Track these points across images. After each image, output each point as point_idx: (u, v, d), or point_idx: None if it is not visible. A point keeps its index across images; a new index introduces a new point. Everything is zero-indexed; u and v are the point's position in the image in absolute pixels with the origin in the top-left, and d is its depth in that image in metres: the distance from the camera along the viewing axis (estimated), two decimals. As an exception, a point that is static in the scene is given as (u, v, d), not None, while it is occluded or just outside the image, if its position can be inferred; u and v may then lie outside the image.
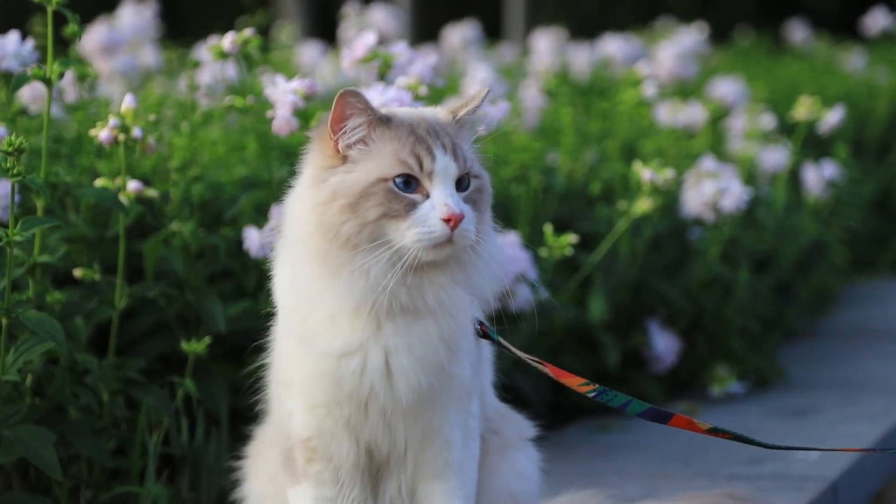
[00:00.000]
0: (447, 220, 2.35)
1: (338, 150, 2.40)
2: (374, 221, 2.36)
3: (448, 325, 2.43)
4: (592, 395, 2.61)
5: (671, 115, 5.46)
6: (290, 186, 2.50)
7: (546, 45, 7.82)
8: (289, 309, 2.49)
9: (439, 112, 2.48)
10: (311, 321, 2.43)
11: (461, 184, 2.41)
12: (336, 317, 2.41)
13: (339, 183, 2.39)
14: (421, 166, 2.37)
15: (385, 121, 2.41)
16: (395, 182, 2.37)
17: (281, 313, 2.52)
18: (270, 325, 2.59)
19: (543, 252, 3.85)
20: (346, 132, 2.40)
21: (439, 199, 2.37)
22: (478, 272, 2.43)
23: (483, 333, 2.54)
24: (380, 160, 2.39)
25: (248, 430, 2.84)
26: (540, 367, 2.59)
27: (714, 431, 2.63)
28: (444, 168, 2.38)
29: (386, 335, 2.42)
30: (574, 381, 2.61)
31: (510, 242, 3.67)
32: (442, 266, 2.40)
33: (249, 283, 3.55)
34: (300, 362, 2.47)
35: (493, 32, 12.12)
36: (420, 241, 2.35)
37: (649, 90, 5.25)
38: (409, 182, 2.37)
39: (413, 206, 2.36)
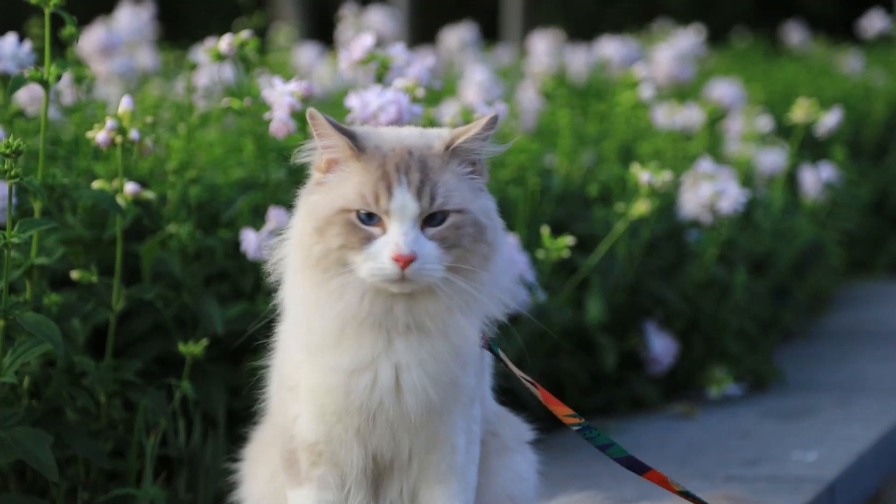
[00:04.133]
0: (396, 260, 2.32)
1: (323, 166, 2.41)
2: (336, 249, 2.35)
3: (459, 342, 2.41)
4: (576, 428, 2.62)
5: (668, 116, 5.46)
6: (297, 186, 2.49)
7: (543, 47, 7.81)
8: (294, 315, 2.47)
9: (436, 139, 2.41)
10: (316, 334, 2.41)
11: (433, 219, 2.36)
12: (343, 331, 2.39)
13: (314, 204, 2.39)
14: (378, 203, 2.34)
15: (360, 149, 2.38)
16: (357, 214, 2.35)
17: (287, 317, 2.50)
18: (273, 325, 2.57)
19: (541, 254, 3.85)
20: (320, 149, 2.40)
21: (391, 238, 2.33)
22: (478, 300, 2.40)
23: (485, 345, 2.53)
24: (345, 190, 2.37)
25: (245, 431, 2.83)
26: (532, 388, 2.59)
27: (685, 495, 2.64)
28: (401, 206, 2.33)
29: (398, 351, 2.40)
30: (561, 411, 2.61)
31: (507, 244, 3.66)
32: (434, 294, 2.37)
33: (247, 285, 3.55)
34: (308, 372, 2.45)
35: (490, 34, 12.12)
36: (373, 276, 2.33)
37: (646, 92, 5.24)
38: (372, 215, 2.35)
39: (369, 239, 2.34)
